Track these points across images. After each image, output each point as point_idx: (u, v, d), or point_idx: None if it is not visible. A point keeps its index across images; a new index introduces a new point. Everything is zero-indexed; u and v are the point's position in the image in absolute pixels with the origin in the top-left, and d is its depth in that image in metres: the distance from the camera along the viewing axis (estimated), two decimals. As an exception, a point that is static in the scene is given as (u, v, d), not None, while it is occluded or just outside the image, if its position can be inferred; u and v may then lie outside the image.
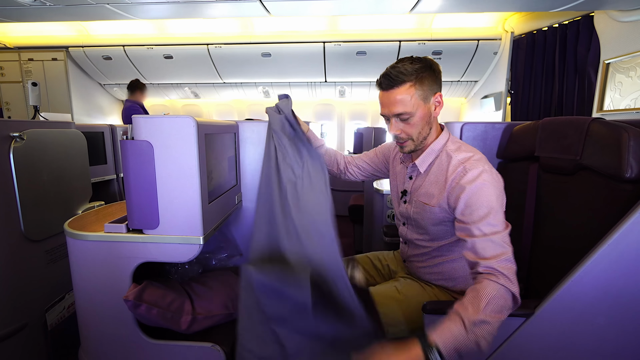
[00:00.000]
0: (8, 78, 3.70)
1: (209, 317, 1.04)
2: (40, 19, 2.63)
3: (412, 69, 0.93)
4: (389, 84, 0.95)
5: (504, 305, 0.76)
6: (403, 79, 0.93)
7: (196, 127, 0.85)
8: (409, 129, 0.98)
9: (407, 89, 0.94)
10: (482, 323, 0.74)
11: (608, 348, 0.85)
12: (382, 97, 0.98)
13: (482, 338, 0.74)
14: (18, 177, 1.17)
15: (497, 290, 0.76)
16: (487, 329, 0.74)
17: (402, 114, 0.96)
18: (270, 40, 3.44)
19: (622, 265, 0.79)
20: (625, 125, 0.86)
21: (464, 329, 0.73)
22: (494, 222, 0.83)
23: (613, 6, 2.13)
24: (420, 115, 0.96)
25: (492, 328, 0.74)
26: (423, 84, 0.94)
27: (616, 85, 2.21)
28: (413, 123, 0.97)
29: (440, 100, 0.99)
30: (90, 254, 0.93)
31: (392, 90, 0.95)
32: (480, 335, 0.74)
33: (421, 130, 0.98)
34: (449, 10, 2.39)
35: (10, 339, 1.16)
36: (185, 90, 4.21)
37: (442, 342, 0.72)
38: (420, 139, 1.00)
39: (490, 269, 0.79)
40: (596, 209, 0.91)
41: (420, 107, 0.95)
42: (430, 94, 0.96)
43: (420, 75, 0.94)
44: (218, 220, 1.05)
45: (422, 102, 0.95)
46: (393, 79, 0.94)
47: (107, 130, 2.22)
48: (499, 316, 0.75)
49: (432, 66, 0.97)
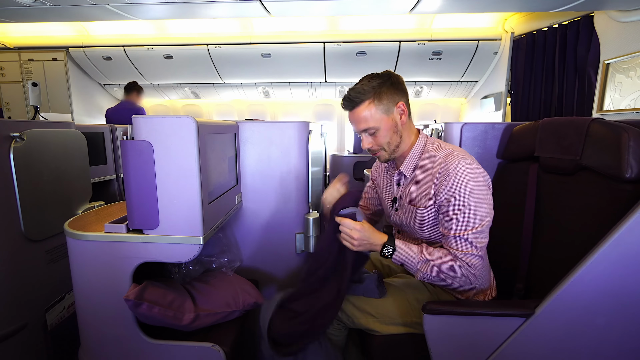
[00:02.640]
0: (8, 78, 3.70)
1: (212, 314, 1.04)
2: (40, 19, 2.63)
3: (369, 87, 1.00)
4: (349, 105, 1.03)
5: (452, 276, 0.93)
6: (361, 98, 1.00)
7: (196, 127, 0.85)
8: (378, 140, 1.04)
9: (367, 106, 1.00)
10: (429, 266, 0.94)
11: (608, 348, 0.85)
12: (350, 118, 1.06)
13: (420, 271, 0.95)
14: (18, 177, 1.17)
15: (456, 266, 0.92)
16: (428, 272, 0.94)
17: (368, 129, 1.02)
18: (270, 41, 3.44)
19: (622, 265, 0.79)
20: (625, 126, 0.86)
21: (418, 257, 0.96)
22: (470, 216, 0.91)
23: (613, 6, 2.13)
24: (386, 127, 1.02)
25: (431, 277, 0.94)
26: (381, 98, 1.00)
27: (616, 86, 2.21)
28: (380, 135, 1.03)
29: (405, 109, 1.03)
30: (90, 254, 0.93)
31: (354, 110, 1.02)
32: (421, 270, 0.95)
33: (390, 140, 1.04)
34: (449, 10, 2.39)
35: (10, 339, 1.16)
36: (185, 91, 4.21)
37: (399, 248, 0.97)
38: (392, 148, 1.05)
39: (458, 258, 0.92)
40: (596, 209, 0.91)
41: (383, 120, 1.01)
42: (391, 105, 1.01)
43: (377, 91, 1.00)
44: (218, 220, 1.05)
45: (384, 115, 1.01)
46: (352, 100, 1.01)
47: (107, 130, 2.22)
48: (443, 277, 0.93)
49: (391, 79, 1.02)
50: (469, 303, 0.99)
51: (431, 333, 0.90)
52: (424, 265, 0.94)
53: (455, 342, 0.91)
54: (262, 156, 1.35)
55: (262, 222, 1.40)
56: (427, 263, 0.94)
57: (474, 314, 0.88)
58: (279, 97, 4.28)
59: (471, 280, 0.92)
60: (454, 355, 0.92)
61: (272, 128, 1.33)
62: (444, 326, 0.90)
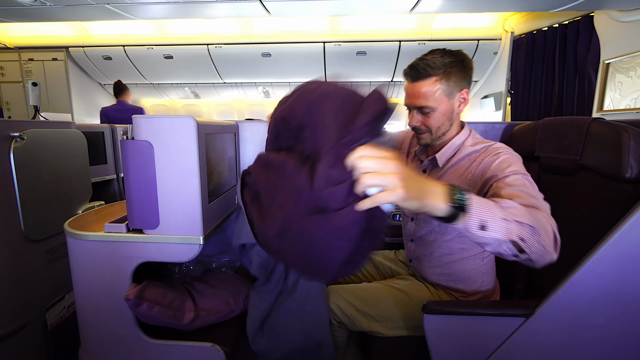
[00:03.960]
0: (8, 78, 3.70)
1: (212, 313, 1.04)
2: (40, 19, 2.63)
3: (440, 63, 0.91)
4: (414, 76, 0.93)
5: (541, 226, 0.63)
6: (429, 72, 0.91)
7: (196, 127, 0.85)
8: (428, 122, 0.96)
9: (432, 83, 0.92)
10: (517, 211, 0.63)
11: (608, 348, 0.85)
12: (407, 88, 0.97)
13: (505, 220, 0.60)
14: (18, 177, 1.17)
15: (540, 215, 0.65)
16: (516, 217, 0.61)
17: (423, 108, 0.94)
18: (270, 41, 3.44)
19: (622, 265, 0.79)
20: (625, 125, 0.86)
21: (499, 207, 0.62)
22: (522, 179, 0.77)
23: (613, 6, 2.13)
24: (442, 111, 0.95)
25: (519, 226, 0.61)
26: (449, 79, 0.92)
27: (616, 85, 2.21)
28: (434, 117, 0.95)
29: (466, 97, 0.97)
30: (90, 253, 0.93)
31: (416, 83, 0.93)
32: (506, 216, 0.61)
33: (441, 126, 0.97)
34: (449, 10, 2.39)
35: (10, 338, 1.16)
36: (185, 90, 4.20)
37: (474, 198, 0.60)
38: (439, 134, 0.98)
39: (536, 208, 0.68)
40: (596, 209, 0.91)
41: (443, 102, 0.94)
42: (456, 90, 0.94)
43: (448, 70, 0.91)
44: (218, 220, 1.05)
45: (445, 97, 0.94)
46: (419, 71, 0.92)
47: (107, 130, 2.22)
48: (533, 225, 0.62)
49: (464, 62, 0.94)
50: (468, 303, 0.99)
51: (431, 333, 0.90)
52: (508, 211, 0.62)
53: (455, 342, 0.91)
54: (262, 156, 1.34)
55: (262, 222, 1.40)
56: (509, 209, 0.63)
57: (473, 314, 0.88)
58: (279, 97, 4.26)
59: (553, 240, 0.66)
60: (454, 355, 0.92)
61: (272, 128, 1.33)
62: (444, 326, 0.89)
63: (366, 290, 1.08)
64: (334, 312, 1.04)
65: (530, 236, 0.61)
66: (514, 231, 0.60)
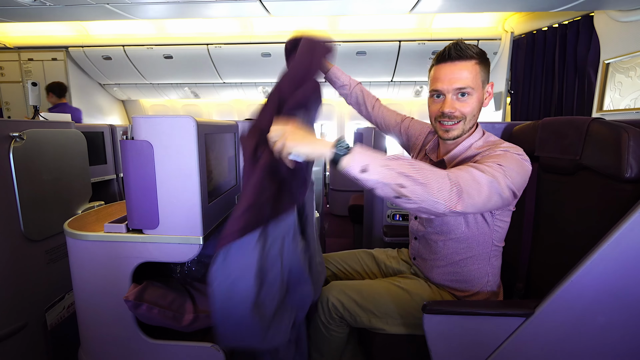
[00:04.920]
0: (8, 78, 3.70)
1: (211, 315, 1.04)
2: (40, 19, 2.63)
3: (477, 50, 0.92)
4: (456, 54, 0.91)
5: (436, 185, 0.68)
6: (472, 54, 0.91)
7: (196, 127, 0.85)
8: (465, 107, 0.93)
9: (473, 65, 0.91)
10: (413, 173, 0.68)
11: (608, 348, 0.85)
12: (444, 69, 0.92)
13: (395, 169, 0.67)
14: (18, 177, 1.17)
15: (443, 175, 0.71)
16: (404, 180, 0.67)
17: (464, 88, 0.91)
18: (270, 40, 3.44)
19: (622, 265, 0.79)
20: (625, 125, 0.86)
21: (382, 157, 0.69)
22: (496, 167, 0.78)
23: (613, 6, 2.13)
24: (478, 97, 0.94)
25: (409, 183, 0.67)
26: (483, 68, 0.93)
27: (616, 85, 2.21)
28: (470, 101, 0.93)
29: (491, 92, 0.97)
30: (90, 254, 0.93)
31: (458, 62, 0.91)
32: (398, 164, 0.68)
33: (474, 115, 0.95)
34: (449, 10, 2.39)
35: (10, 339, 1.16)
36: (185, 90, 4.20)
37: (357, 147, 0.69)
38: (469, 125, 0.96)
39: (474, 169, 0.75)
40: (596, 209, 0.91)
41: (479, 88, 0.93)
42: (486, 80, 0.95)
43: (482, 59, 0.93)
44: (218, 220, 1.05)
45: (481, 84, 0.93)
46: (463, 50, 0.91)
47: (107, 130, 2.22)
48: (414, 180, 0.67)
49: (486, 57, 0.95)
50: (469, 303, 0.99)
51: (431, 333, 0.90)
52: (393, 161, 0.69)
53: (455, 342, 0.91)
54: (262, 156, 1.34)
55: (262, 222, 1.40)
56: (396, 160, 0.70)
57: (473, 314, 0.88)
58: (278, 97, 4.27)
59: (448, 192, 0.69)
60: (454, 355, 0.92)
61: (272, 128, 1.33)
62: (443, 326, 0.89)
63: (368, 286, 1.09)
64: (335, 307, 1.04)
65: (411, 184, 0.67)
66: (395, 177, 0.67)
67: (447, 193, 0.69)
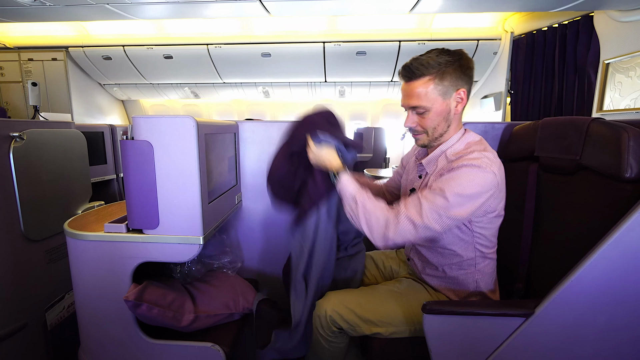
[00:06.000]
0: (8, 78, 3.69)
1: (211, 316, 1.04)
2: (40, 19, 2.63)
3: (435, 62, 0.91)
4: (407, 75, 0.94)
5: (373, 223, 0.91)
6: (422, 71, 0.91)
7: (196, 127, 0.85)
8: (424, 122, 0.96)
9: (425, 82, 0.92)
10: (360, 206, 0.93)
11: (608, 348, 0.85)
12: (402, 88, 0.97)
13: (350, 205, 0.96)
14: (18, 177, 1.17)
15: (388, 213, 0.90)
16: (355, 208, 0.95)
17: (417, 107, 0.94)
18: (270, 41, 3.44)
19: (622, 265, 0.79)
20: (625, 125, 0.86)
21: (355, 194, 0.95)
22: (443, 200, 0.85)
23: (613, 6, 2.13)
24: (437, 111, 0.94)
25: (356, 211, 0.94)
26: (444, 78, 0.91)
27: (616, 85, 2.21)
28: (428, 117, 0.95)
29: (464, 97, 0.95)
30: (90, 254, 0.93)
31: (410, 83, 0.94)
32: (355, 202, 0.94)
33: (437, 126, 0.96)
34: (449, 10, 2.39)
35: (10, 338, 1.16)
36: (185, 90, 4.20)
37: (343, 180, 0.98)
38: (436, 135, 0.98)
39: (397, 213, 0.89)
40: (596, 209, 0.91)
41: (437, 102, 0.93)
42: (451, 89, 0.93)
43: (442, 70, 0.91)
44: (218, 220, 1.05)
45: (440, 97, 0.93)
46: (412, 71, 0.92)
47: (107, 130, 2.22)
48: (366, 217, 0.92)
49: (461, 61, 0.93)
50: (468, 303, 0.99)
51: (431, 333, 0.90)
52: (357, 202, 0.94)
53: (455, 342, 0.91)
54: (262, 156, 1.35)
55: (262, 222, 1.40)
56: (360, 202, 0.93)
57: (473, 314, 0.88)
58: (278, 97, 4.27)
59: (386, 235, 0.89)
60: (454, 355, 0.92)
61: (272, 128, 1.33)
62: (443, 326, 0.90)
63: (366, 295, 1.08)
64: (334, 320, 1.02)
65: (356, 217, 0.95)
66: (352, 208, 0.96)
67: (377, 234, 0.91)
